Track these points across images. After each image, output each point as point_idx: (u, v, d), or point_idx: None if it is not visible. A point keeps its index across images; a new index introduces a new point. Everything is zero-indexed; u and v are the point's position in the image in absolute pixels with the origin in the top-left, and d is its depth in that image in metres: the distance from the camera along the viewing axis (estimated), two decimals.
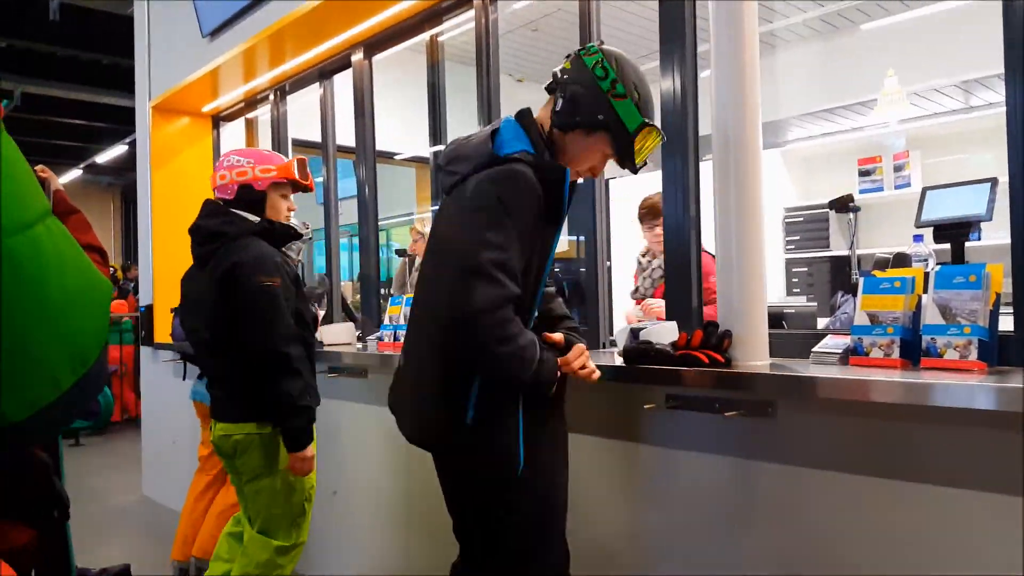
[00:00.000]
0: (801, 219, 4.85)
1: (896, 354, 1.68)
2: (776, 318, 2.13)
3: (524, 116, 1.77)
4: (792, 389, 1.71)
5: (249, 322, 2.33)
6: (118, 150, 11.40)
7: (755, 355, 1.83)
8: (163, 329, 4.64)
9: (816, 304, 2.58)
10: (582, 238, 2.71)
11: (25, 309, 0.79)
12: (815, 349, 1.85)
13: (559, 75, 1.74)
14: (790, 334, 2.10)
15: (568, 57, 1.78)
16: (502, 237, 1.55)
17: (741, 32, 1.83)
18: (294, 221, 2.61)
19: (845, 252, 4.27)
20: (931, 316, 1.64)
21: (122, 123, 9.91)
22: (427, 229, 4.55)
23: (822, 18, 5.15)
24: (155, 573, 3.60)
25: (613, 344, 2.58)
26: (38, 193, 0.84)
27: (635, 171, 1.78)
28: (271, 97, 4.55)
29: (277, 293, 2.33)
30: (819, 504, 1.70)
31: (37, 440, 0.89)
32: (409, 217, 6.82)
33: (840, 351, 1.81)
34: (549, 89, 1.79)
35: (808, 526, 1.72)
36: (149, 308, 4.91)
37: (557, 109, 1.72)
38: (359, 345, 3.45)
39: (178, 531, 3.42)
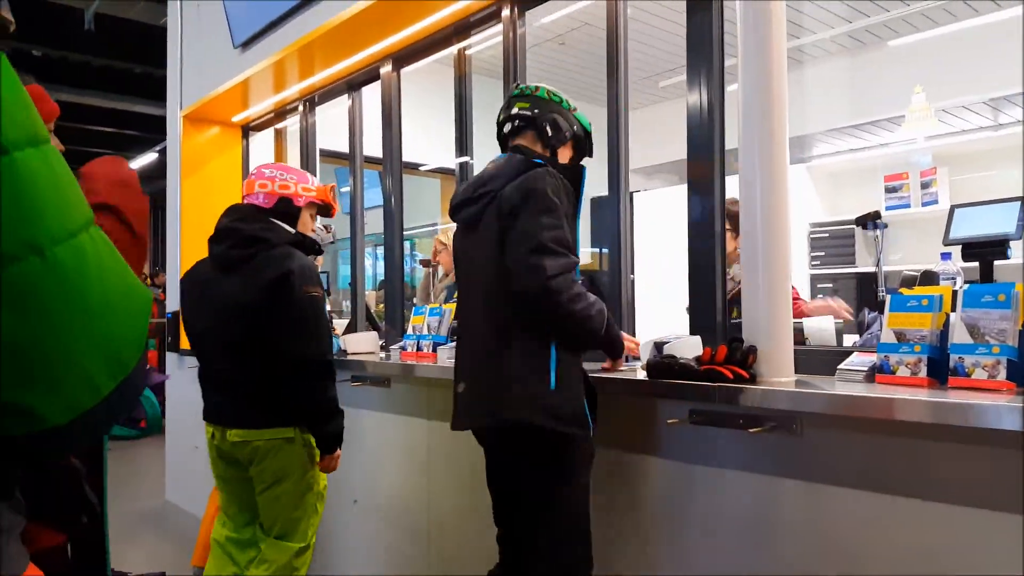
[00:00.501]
0: (826, 235, 4.82)
1: (923, 373, 1.66)
2: (801, 334, 2.12)
3: (519, 150, 2.00)
4: (817, 406, 1.70)
5: (295, 330, 2.36)
6: (148, 158, 11.61)
7: (780, 371, 1.83)
8: None
9: (841, 321, 2.56)
10: (606, 250, 2.72)
11: (67, 315, 0.81)
12: (841, 366, 1.84)
13: (530, 113, 2.01)
14: (815, 350, 2.09)
15: (517, 99, 2.06)
16: (554, 218, 1.80)
17: (769, 46, 1.84)
18: (316, 226, 2.75)
19: (870, 269, 4.24)
20: (959, 335, 1.62)
21: (152, 131, 10.08)
22: (451, 240, 4.58)
23: (850, 34, 5.13)
24: None
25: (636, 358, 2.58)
26: (81, 202, 0.87)
27: (591, 156, 2.17)
28: (300, 108, 4.62)
29: (321, 303, 2.42)
30: (844, 522, 1.69)
31: (79, 445, 0.91)
32: (433, 228, 6.86)
33: (866, 369, 1.80)
34: (519, 128, 2.03)
35: (832, 544, 1.71)
36: (176, 315, 4.97)
37: (549, 135, 2.00)
38: (382, 354, 3.47)
39: (199, 537, 3.46)
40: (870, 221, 2.45)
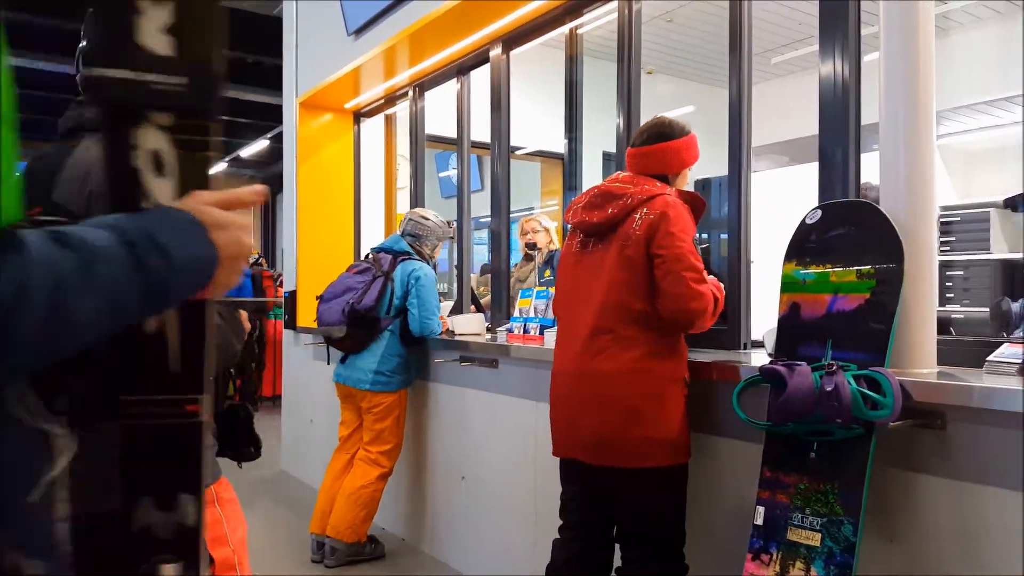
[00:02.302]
0: (958, 219, 4.48)
1: None
2: (942, 323, 1.98)
3: None
4: (964, 400, 1.60)
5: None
6: (260, 144, 12.09)
7: (922, 362, 1.73)
8: (305, 314, 4.88)
9: (988, 310, 2.38)
10: (724, 236, 2.64)
11: None
12: (990, 358, 1.72)
13: None
14: (958, 341, 1.97)
15: None
16: None
17: (915, 13, 1.72)
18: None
19: (1009, 255, 3.95)
20: None
21: (264, 119, 10.49)
22: (553, 224, 4.55)
23: (985, 4, 4.78)
24: (292, 542, 3.81)
25: (754, 345, 2.49)
26: None
27: None
28: (410, 94, 4.69)
29: None
30: (990, 523, 1.58)
31: None
32: (530, 211, 6.85)
33: (1019, 361, 1.68)
34: None
35: (976, 544, 1.60)
36: (292, 294, 5.18)
37: None
38: (488, 336, 3.51)
39: (317, 506, 3.59)
40: (1021, 203, 2.26)
